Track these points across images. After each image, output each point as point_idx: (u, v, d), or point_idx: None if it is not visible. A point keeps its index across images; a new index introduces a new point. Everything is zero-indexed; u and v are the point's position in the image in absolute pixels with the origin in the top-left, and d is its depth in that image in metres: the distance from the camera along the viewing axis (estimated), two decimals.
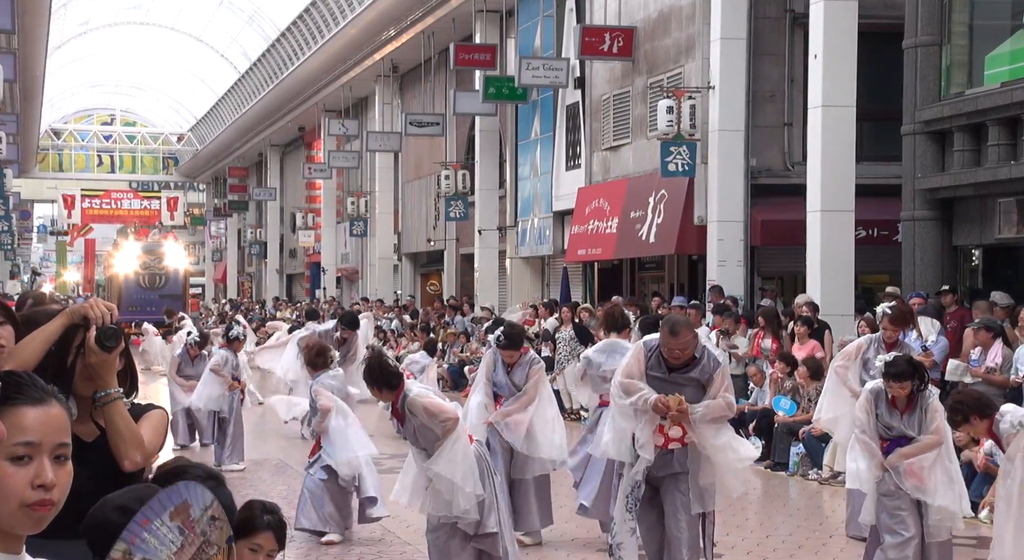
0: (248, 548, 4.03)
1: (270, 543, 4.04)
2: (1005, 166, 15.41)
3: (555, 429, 10.47)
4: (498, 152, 30.93)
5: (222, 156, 62.79)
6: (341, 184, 45.09)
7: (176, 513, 2.45)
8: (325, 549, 10.66)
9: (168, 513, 2.44)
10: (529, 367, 10.51)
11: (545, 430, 10.39)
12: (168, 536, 2.44)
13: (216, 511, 2.49)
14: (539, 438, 10.37)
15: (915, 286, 16.49)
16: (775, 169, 20.57)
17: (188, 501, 2.46)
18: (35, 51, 36.98)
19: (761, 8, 20.31)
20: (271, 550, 4.05)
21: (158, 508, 2.44)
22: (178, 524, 2.45)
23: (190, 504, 2.46)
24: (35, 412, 2.25)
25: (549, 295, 26.99)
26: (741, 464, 8.13)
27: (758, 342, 16.58)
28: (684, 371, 7.96)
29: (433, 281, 36.71)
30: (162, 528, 2.44)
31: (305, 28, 40.65)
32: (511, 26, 29.39)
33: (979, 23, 17.03)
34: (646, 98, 22.73)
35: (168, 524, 2.44)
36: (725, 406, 7.93)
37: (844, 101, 17.77)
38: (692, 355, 7.95)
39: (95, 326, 3.97)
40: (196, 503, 2.47)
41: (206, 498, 2.48)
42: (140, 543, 2.42)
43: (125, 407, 3.99)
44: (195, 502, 2.47)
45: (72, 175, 71.75)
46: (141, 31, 58.17)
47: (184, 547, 2.45)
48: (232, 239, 65.70)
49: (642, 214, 22.01)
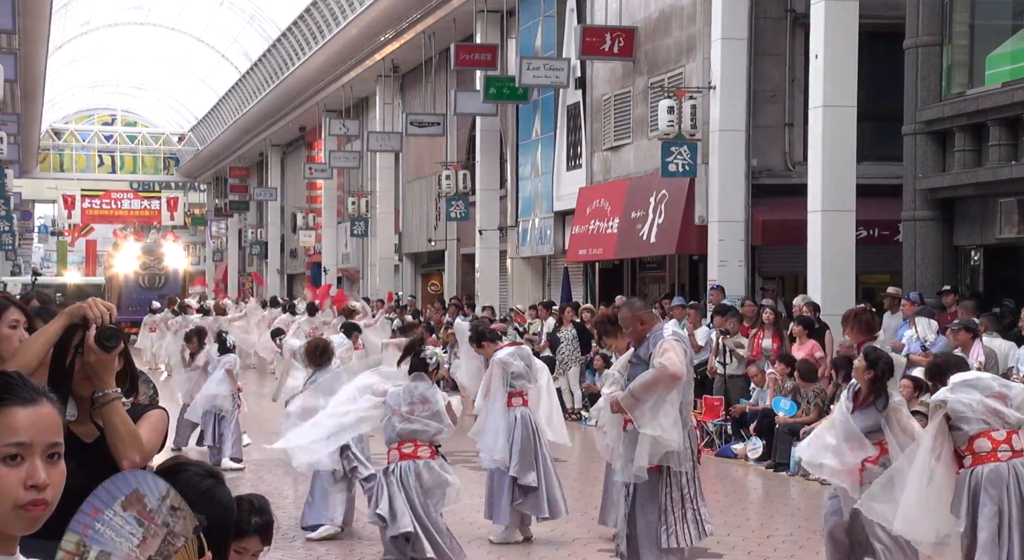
0: (234, 550, 3.96)
1: (256, 545, 4.04)
2: (1006, 166, 15.41)
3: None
4: (499, 152, 30.93)
5: (223, 156, 62.80)
6: (342, 184, 45.10)
7: (129, 503, 2.38)
8: (327, 549, 10.65)
9: (119, 502, 2.38)
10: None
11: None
12: (125, 527, 2.38)
13: (175, 501, 2.43)
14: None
15: (916, 286, 16.49)
16: (776, 169, 20.56)
17: (140, 490, 2.40)
18: (36, 51, 36.98)
19: (762, 8, 20.30)
20: (256, 551, 4.06)
21: (106, 497, 2.38)
22: (134, 514, 2.39)
23: (143, 493, 2.40)
24: (26, 412, 2.23)
25: (550, 295, 26.99)
26: (659, 440, 7.98)
27: (758, 342, 16.57)
28: (643, 352, 8.20)
29: (434, 281, 36.71)
30: (115, 518, 2.38)
31: (306, 28, 40.66)
32: (512, 26, 29.38)
33: (980, 23, 17.03)
34: (647, 98, 22.72)
35: (122, 514, 2.38)
36: (654, 373, 7.95)
37: (845, 101, 17.76)
38: (643, 335, 8.17)
39: (95, 325, 3.95)
40: (150, 492, 2.41)
41: (160, 487, 2.43)
42: (94, 534, 2.36)
43: (124, 407, 3.98)
44: (148, 491, 2.41)
45: (73, 175, 71.73)
46: (142, 31, 58.17)
47: (147, 539, 2.39)
48: (233, 239, 65.71)
49: (643, 214, 22.00)
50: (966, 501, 7.36)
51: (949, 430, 7.47)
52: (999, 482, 7.32)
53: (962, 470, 7.46)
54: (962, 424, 7.44)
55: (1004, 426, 7.44)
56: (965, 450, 7.46)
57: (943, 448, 7.42)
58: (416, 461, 9.12)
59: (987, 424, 7.42)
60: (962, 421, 7.43)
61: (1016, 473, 7.37)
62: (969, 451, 7.44)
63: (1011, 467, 7.38)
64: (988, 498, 7.31)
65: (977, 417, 7.42)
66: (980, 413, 7.42)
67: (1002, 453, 7.39)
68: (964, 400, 7.43)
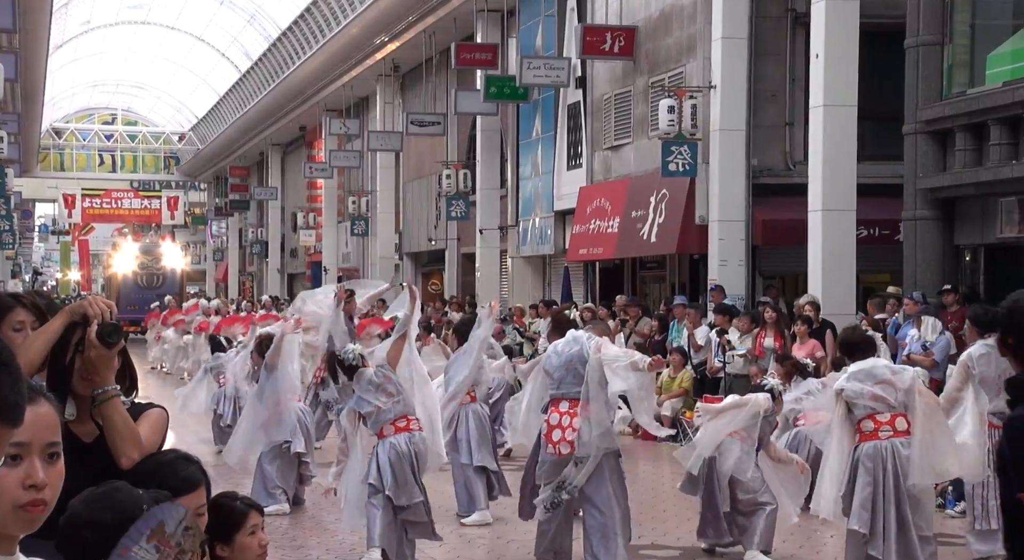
0: (247, 535, 4.20)
1: (257, 518, 4.26)
2: (1007, 166, 15.40)
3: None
4: (499, 151, 30.92)
5: (223, 155, 62.77)
6: (342, 183, 45.08)
7: (153, 535, 2.53)
8: (329, 552, 10.65)
9: (145, 537, 2.52)
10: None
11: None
12: (146, 557, 2.52)
13: (189, 521, 2.57)
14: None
15: (916, 286, 16.48)
16: (776, 169, 20.55)
17: (164, 521, 2.54)
18: (36, 50, 36.97)
19: (762, 7, 20.30)
20: (261, 522, 4.28)
21: (136, 536, 2.53)
22: (155, 543, 2.53)
23: (165, 523, 2.54)
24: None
25: (550, 295, 26.98)
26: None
27: (760, 341, 16.55)
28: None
29: (434, 280, 36.70)
30: (139, 551, 2.52)
31: (306, 27, 40.64)
32: (512, 26, 29.38)
33: (981, 22, 17.02)
34: (647, 97, 22.71)
35: (146, 547, 2.52)
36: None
37: (845, 100, 17.75)
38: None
39: (96, 322, 3.95)
40: (170, 521, 2.55)
41: (179, 512, 2.56)
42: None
43: (123, 405, 3.97)
44: (169, 520, 2.55)
45: (73, 174, 71.65)
46: (142, 31, 58.14)
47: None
48: (233, 238, 65.69)
49: (643, 214, 21.99)
50: (848, 471, 8.53)
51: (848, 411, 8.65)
52: (875, 458, 8.45)
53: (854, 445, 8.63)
54: (854, 408, 8.60)
55: (889, 409, 8.50)
56: (855, 429, 8.63)
57: (843, 431, 8.65)
58: (411, 433, 9.63)
59: (872, 408, 8.52)
60: (854, 406, 8.59)
61: (894, 451, 8.44)
62: (858, 430, 8.61)
63: (891, 445, 8.46)
64: (864, 471, 8.44)
65: (864, 403, 8.54)
66: (867, 399, 8.53)
67: (883, 433, 8.50)
68: (855, 389, 8.55)
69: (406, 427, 9.60)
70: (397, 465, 9.43)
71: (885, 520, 8.37)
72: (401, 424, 9.59)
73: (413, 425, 9.65)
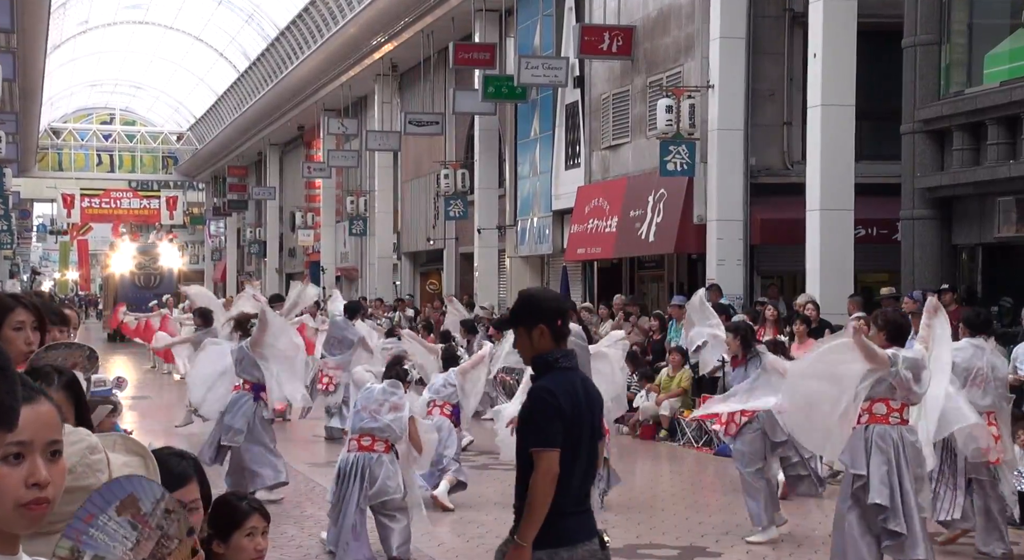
0: (244, 536, 4.20)
1: (260, 522, 4.25)
2: (1004, 165, 15.41)
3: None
4: (497, 151, 30.93)
5: (221, 155, 62.75)
6: (340, 183, 45.07)
7: (123, 507, 2.37)
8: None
9: (114, 507, 2.37)
10: None
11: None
12: (119, 532, 2.37)
13: (170, 504, 2.42)
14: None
15: (914, 285, 16.49)
16: (774, 168, 20.56)
17: (135, 494, 2.39)
18: (34, 50, 36.97)
19: (760, 7, 20.30)
20: (264, 527, 4.27)
21: (101, 502, 2.37)
22: (128, 518, 2.38)
23: (137, 497, 2.39)
24: (25, 410, 2.23)
25: None
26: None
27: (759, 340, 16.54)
28: None
29: (433, 280, 36.70)
30: (110, 523, 2.37)
31: (304, 27, 40.63)
32: (510, 25, 29.39)
33: (978, 22, 17.03)
34: (645, 97, 22.72)
35: (116, 519, 2.37)
36: None
37: (843, 100, 17.77)
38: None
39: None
40: (144, 496, 2.40)
41: (155, 491, 2.42)
42: (88, 540, 2.35)
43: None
44: (142, 495, 2.40)
45: (71, 174, 71.62)
46: (140, 30, 58.09)
47: (140, 542, 2.38)
48: (231, 238, 65.68)
49: (642, 213, 22.00)
50: (864, 451, 8.47)
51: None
52: (887, 439, 8.47)
53: (858, 425, 8.51)
54: (880, 383, 8.38)
55: (902, 398, 8.46)
56: (865, 409, 8.49)
57: (859, 395, 8.44)
58: (370, 454, 9.86)
59: (891, 393, 8.43)
60: (881, 381, 8.38)
61: (902, 436, 8.50)
62: (867, 411, 8.50)
63: (898, 431, 8.50)
64: (878, 450, 8.46)
65: (890, 383, 8.39)
66: (896, 382, 8.36)
67: (892, 418, 8.51)
68: (902, 372, 8.31)
69: (370, 447, 9.99)
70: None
71: (904, 496, 8.48)
72: (365, 443, 9.98)
73: (378, 447, 9.98)
